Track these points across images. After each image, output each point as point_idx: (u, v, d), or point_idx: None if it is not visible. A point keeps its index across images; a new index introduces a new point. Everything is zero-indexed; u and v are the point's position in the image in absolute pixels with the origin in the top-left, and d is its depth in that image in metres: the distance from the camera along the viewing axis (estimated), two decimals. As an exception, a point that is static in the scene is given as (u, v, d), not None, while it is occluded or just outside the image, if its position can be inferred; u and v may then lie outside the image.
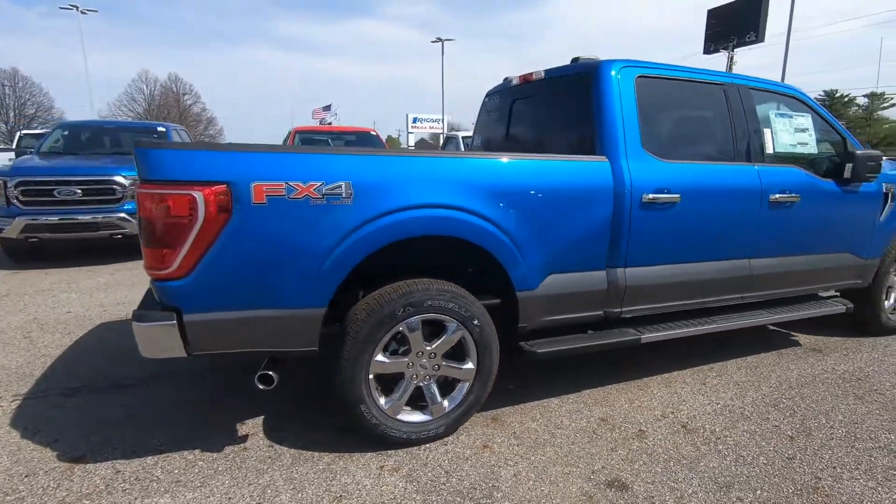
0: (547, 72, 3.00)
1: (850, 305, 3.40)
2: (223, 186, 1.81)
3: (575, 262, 2.45)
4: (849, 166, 3.07)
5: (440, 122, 36.56)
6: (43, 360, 3.22)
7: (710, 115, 2.85)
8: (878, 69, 50.40)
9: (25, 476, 2.07)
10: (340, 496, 1.98)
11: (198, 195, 1.78)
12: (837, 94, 37.63)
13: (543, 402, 2.72)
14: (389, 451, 2.26)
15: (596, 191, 2.42)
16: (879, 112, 37.19)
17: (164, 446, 2.29)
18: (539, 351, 2.42)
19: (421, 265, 2.31)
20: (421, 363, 2.26)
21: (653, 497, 1.99)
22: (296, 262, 1.94)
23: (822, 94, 37.63)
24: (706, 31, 30.83)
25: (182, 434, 2.38)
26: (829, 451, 2.31)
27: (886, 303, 3.65)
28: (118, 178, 5.71)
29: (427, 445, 2.31)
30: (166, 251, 1.80)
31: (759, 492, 2.03)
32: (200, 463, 2.18)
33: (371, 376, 2.16)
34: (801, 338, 3.70)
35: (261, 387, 2.08)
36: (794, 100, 3.17)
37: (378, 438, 2.24)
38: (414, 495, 1.98)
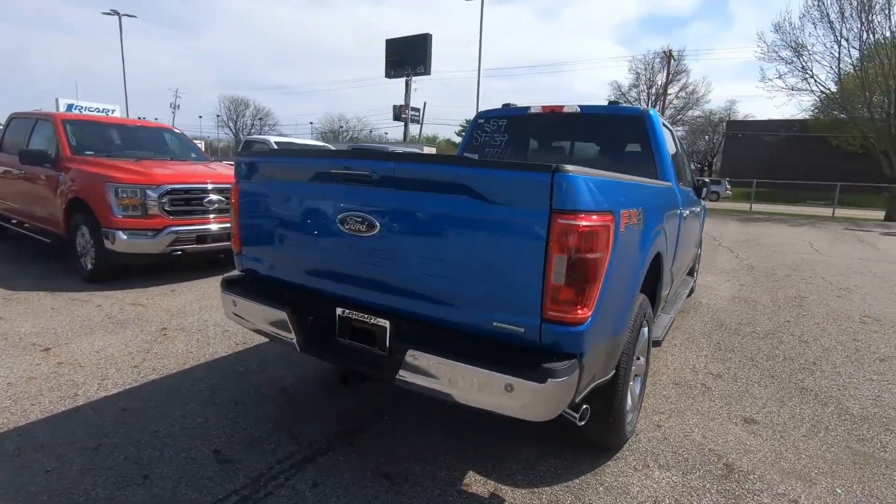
0: (582, 107, 3.54)
1: (692, 285, 5.22)
2: (613, 216, 1.72)
3: (677, 266, 3.12)
4: (705, 189, 4.73)
5: (113, 113, 29.40)
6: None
7: (680, 151, 3.98)
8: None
9: None
10: (657, 499, 2.11)
11: (612, 225, 1.65)
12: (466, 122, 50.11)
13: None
14: (616, 455, 2.43)
15: (675, 208, 3.16)
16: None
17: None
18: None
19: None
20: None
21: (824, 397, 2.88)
22: (630, 289, 1.96)
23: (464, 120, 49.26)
24: (386, 57, 36.03)
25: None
26: (834, 378, 3.71)
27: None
28: None
29: (632, 440, 2.58)
30: (589, 288, 1.58)
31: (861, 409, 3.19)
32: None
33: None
34: (665, 305, 5.37)
35: (580, 424, 1.97)
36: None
37: (618, 444, 2.40)
38: (691, 480, 2.28)
